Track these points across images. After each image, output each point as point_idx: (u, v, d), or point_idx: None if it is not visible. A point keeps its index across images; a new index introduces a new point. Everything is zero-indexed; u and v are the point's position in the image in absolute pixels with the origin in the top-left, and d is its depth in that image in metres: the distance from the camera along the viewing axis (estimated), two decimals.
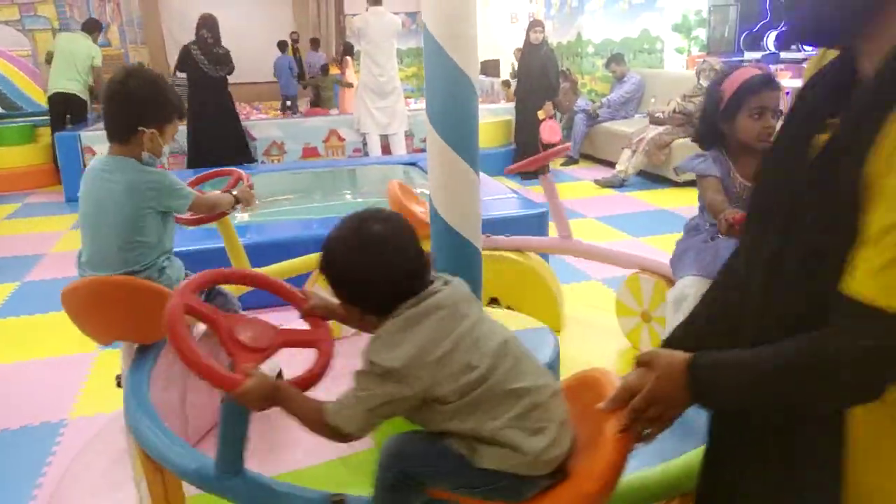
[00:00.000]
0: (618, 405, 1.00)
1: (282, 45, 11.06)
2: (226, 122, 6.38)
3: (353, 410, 1.08)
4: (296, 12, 13.91)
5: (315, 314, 1.31)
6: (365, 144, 6.88)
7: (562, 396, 1.14)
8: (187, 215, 2.21)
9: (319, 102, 10.15)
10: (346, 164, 6.59)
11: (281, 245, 3.35)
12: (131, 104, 1.87)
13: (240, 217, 4.20)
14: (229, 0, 12.98)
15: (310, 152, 6.96)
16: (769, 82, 1.95)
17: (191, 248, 3.14)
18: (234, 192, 2.28)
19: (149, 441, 1.48)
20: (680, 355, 0.94)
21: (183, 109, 2.10)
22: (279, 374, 1.25)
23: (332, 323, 1.32)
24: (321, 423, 1.10)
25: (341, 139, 7.03)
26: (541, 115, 6.46)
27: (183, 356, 1.14)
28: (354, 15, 6.98)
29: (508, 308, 2.81)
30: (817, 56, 0.99)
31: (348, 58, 9.75)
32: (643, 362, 0.97)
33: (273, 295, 1.37)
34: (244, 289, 2.17)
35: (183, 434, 1.86)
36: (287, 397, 1.14)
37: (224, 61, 6.18)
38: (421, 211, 2.59)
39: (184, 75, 6.30)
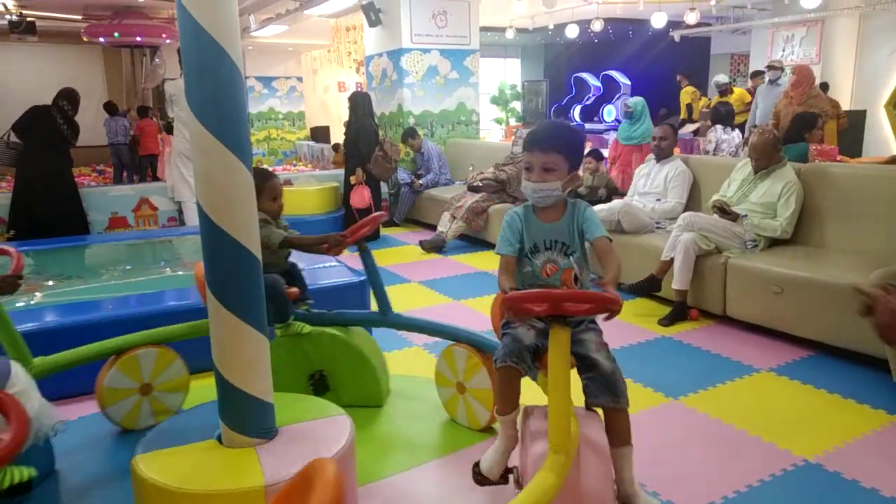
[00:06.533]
0: None
1: (109, 107, 10.63)
2: (67, 192, 6.05)
3: None
4: (107, 70, 13.19)
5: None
6: (181, 213, 6.53)
7: None
8: None
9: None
10: (160, 235, 6.19)
11: (69, 330, 3.04)
12: None
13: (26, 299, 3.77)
14: (36, 63, 12.07)
15: (118, 222, 6.48)
16: None
17: None
18: None
19: None
20: None
21: None
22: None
23: None
24: None
25: (154, 208, 6.63)
26: (352, 180, 6.57)
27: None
28: (173, 79, 6.70)
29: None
30: None
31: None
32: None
33: None
34: None
35: None
36: None
37: (77, 133, 6.11)
38: None
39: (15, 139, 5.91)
